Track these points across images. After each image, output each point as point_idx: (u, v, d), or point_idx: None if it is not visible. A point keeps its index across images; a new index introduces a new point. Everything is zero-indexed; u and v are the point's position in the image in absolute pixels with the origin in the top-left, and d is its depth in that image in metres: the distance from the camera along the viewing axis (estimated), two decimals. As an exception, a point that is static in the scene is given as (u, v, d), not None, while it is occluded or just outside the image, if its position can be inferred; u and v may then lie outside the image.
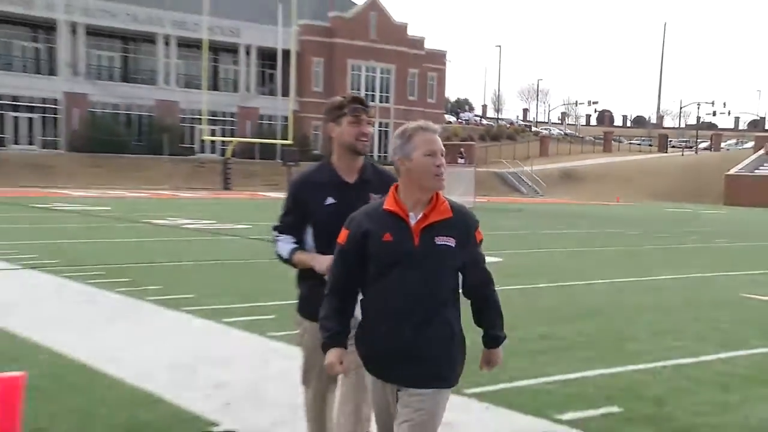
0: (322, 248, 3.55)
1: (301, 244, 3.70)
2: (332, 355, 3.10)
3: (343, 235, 3.09)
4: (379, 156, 59.21)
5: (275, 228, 3.79)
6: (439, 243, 2.97)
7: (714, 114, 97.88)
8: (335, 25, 59.74)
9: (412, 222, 2.98)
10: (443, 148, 3.04)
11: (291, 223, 3.73)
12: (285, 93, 54.94)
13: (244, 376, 5.90)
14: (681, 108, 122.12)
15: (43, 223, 19.78)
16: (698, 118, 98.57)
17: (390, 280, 2.98)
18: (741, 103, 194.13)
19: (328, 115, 3.65)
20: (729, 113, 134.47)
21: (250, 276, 11.38)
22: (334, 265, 3.15)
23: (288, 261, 3.69)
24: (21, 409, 4.13)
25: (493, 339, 3.22)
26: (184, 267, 12.16)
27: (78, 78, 51.76)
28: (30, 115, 50.99)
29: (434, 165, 2.97)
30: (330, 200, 3.58)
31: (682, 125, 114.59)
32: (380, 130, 60.89)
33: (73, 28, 51.34)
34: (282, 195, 4.01)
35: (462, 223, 3.05)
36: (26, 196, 32.00)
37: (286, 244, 3.72)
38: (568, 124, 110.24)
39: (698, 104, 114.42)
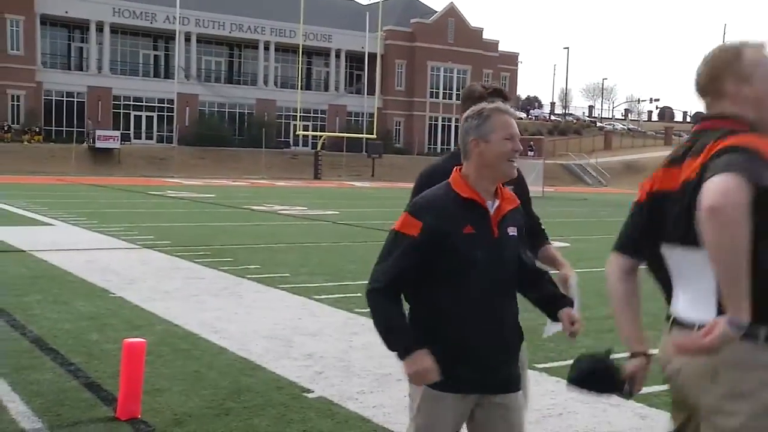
0: None
1: None
2: (426, 359, 2.37)
3: (413, 225, 2.42)
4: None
5: None
6: (511, 234, 2.52)
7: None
8: (417, 31, 59.45)
9: (490, 211, 2.49)
10: (519, 133, 2.53)
11: None
12: (371, 92, 55.23)
13: (333, 348, 5.91)
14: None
15: (158, 208, 20.34)
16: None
17: (469, 278, 2.43)
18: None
19: (464, 105, 3.19)
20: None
21: (337, 257, 11.42)
22: (401, 257, 2.42)
23: None
24: (143, 371, 4.24)
25: (562, 297, 2.65)
26: (279, 248, 12.31)
27: (190, 80, 53.16)
28: (149, 113, 52.76)
29: (512, 150, 2.46)
30: None
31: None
32: (456, 126, 60.30)
33: (187, 37, 52.73)
34: (365, 184, 3.91)
35: (521, 213, 2.63)
36: (145, 184, 33.04)
37: None
38: (631, 120, 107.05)
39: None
